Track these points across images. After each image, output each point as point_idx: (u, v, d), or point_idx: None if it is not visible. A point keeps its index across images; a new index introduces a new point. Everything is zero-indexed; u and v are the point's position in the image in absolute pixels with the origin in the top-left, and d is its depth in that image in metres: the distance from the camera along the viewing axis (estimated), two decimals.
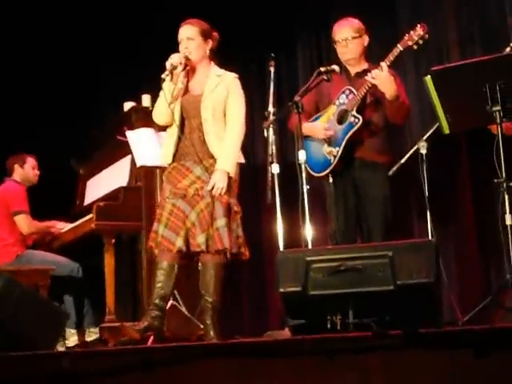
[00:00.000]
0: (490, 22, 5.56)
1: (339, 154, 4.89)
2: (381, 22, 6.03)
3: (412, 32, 4.77)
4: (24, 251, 5.96)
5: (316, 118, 5.04)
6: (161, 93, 4.71)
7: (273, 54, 4.97)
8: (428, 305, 3.57)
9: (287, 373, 3.04)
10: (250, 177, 6.63)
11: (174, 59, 4.70)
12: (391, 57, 4.77)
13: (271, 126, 4.73)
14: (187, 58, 4.73)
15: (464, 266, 5.60)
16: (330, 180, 4.93)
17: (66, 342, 5.66)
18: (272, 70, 4.94)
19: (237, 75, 4.83)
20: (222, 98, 4.74)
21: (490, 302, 4.05)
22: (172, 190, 4.70)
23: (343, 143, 4.88)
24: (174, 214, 4.64)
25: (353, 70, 5.03)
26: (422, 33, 4.74)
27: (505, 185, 3.96)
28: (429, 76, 4.13)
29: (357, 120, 4.85)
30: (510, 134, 4.28)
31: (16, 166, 6.27)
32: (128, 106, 6.26)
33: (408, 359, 2.94)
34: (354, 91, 4.88)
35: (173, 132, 4.78)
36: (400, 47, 4.77)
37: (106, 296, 5.65)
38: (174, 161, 4.76)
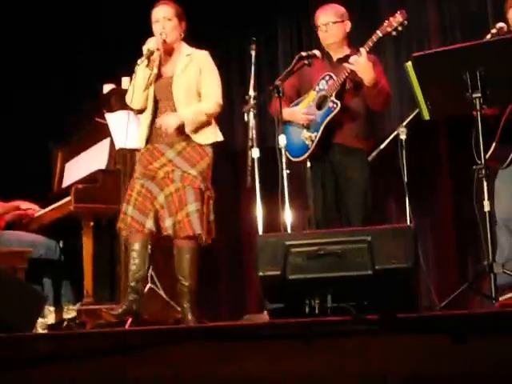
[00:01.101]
0: (471, 8, 5.57)
1: (317, 138, 4.90)
2: (362, 8, 6.03)
3: (391, 18, 4.79)
4: None
5: (296, 104, 5.04)
6: (133, 77, 4.68)
7: (254, 38, 4.95)
8: (406, 290, 3.58)
9: (265, 356, 3.05)
10: (229, 161, 6.65)
11: (150, 44, 4.66)
12: (370, 43, 4.79)
13: (252, 110, 4.72)
14: (164, 42, 4.69)
15: (442, 252, 5.64)
16: (308, 165, 4.94)
17: (45, 319, 5.64)
18: (253, 53, 4.92)
19: (207, 52, 4.80)
20: (193, 76, 4.71)
21: (467, 288, 4.07)
22: (141, 171, 4.69)
23: (321, 128, 4.89)
24: (142, 194, 4.63)
25: (335, 56, 5.03)
26: (401, 19, 4.76)
27: (483, 171, 3.97)
28: (410, 62, 4.13)
29: (335, 105, 4.86)
30: (490, 114, 4.28)
31: None
32: (107, 88, 6.23)
33: (385, 344, 2.96)
34: (334, 77, 4.89)
35: (147, 115, 4.76)
36: (379, 33, 4.79)
37: (84, 278, 5.64)
38: (147, 143, 4.74)
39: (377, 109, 5.01)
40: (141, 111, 4.91)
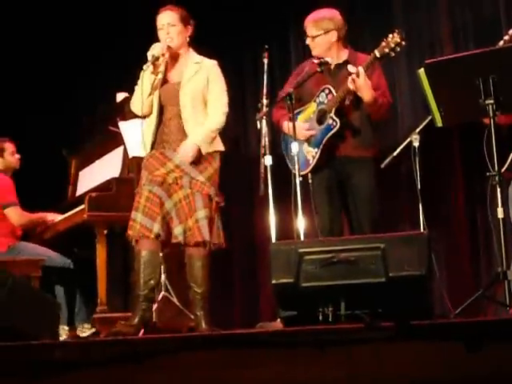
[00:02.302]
0: (483, 15, 5.56)
1: (318, 155, 4.87)
2: (373, 14, 6.02)
3: (389, 38, 4.69)
4: (15, 242, 5.92)
5: (297, 114, 5.00)
6: (138, 83, 4.66)
7: (266, 46, 4.95)
8: (420, 297, 3.59)
9: (279, 364, 3.05)
10: (242, 169, 6.66)
11: (155, 50, 4.64)
12: (368, 61, 4.74)
13: (264, 117, 4.73)
14: (169, 48, 4.68)
15: (455, 259, 5.61)
16: (310, 180, 4.91)
17: (60, 338, 5.63)
18: (265, 61, 4.93)
19: (216, 62, 4.78)
20: (201, 85, 4.69)
21: (481, 296, 4.06)
22: (149, 177, 4.66)
23: (321, 145, 4.85)
24: (151, 200, 4.61)
25: (332, 63, 4.98)
26: (398, 40, 4.68)
27: (497, 178, 3.96)
28: (422, 69, 4.13)
29: (334, 123, 4.80)
30: (504, 123, 4.28)
31: None
32: (121, 96, 6.24)
33: (399, 351, 2.95)
34: (333, 91, 4.83)
35: (152, 121, 4.73)
36: (377, 54, 4.73)
37: (97, 287, 5.65)
38: (152, 149, 4.72)
39: (377, 119, 4.97)
40: (145, 116, 4.85)
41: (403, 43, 4.71)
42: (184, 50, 4.78)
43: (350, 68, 4.74)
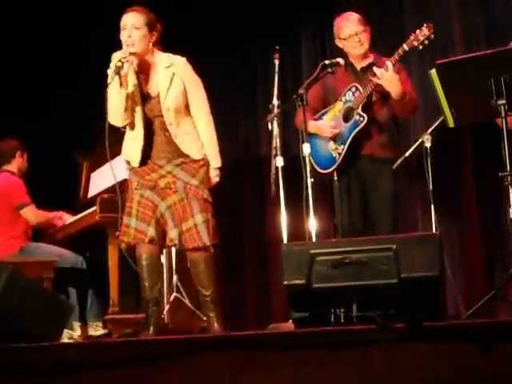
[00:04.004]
0: (495, 15, 5.56)
1: (344, 151, 4.88)
2: (385, 15, 6.02)
3: (418, 32, 4.70)
4: (27, 243, 5.94)
5: (322, 114, 5.02)
6: (107, 95, 4.46)
7: (277, 47, 4.95)
8: (432, 298, 3.57)
9: (290, 365, 3.05)
10: (253, 170, 6.66)
11: (116, 58, 4.38)
12: (397, 56, 4.73)
13: (275, 118, 4.72)
14: (133, 54, 4.44)
15: (468, 260, 5.60)
16: (335, 177, 4.92)
17: (73, 333, 5.65)
18: (276, 62, 4.93)
19: (185, 58, 4.59)
20: (180, 91, 4.53)
21: (493, 296, 4.05)
22: (140, 182, 4.57)
23: (348, 141, 4.86)
24: (142, 204, 4.54)
25: (358, 65, 4.99)
26: (427, 33, 4.69)
27: (509, 178, 3.95)
28: (434, 69, 4.12)
29: (362, 118, 4.82)
30: None
31: (18, 154, 6.10)
32: None
33: (411, 352, 2.94)
34: (360, 89, 4.85)
35: (135, 134, 4.60)
36: (406, 47, 4.72)
37: (109, 288, 5.66)
38: (141, 163, 4.59)
39: (404, 116, 4.99)
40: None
41: (432, 36, 4.70)
42: (149, 57, 4.55)
43: (376, 70, 4.73)
